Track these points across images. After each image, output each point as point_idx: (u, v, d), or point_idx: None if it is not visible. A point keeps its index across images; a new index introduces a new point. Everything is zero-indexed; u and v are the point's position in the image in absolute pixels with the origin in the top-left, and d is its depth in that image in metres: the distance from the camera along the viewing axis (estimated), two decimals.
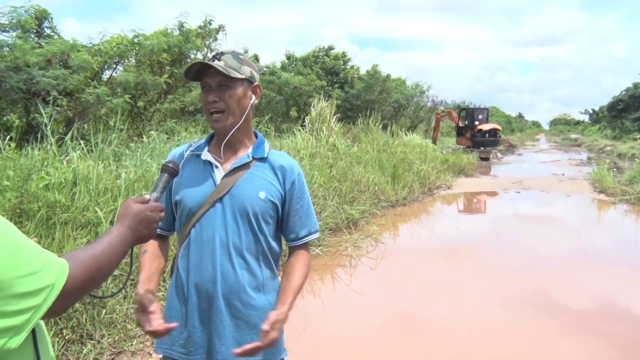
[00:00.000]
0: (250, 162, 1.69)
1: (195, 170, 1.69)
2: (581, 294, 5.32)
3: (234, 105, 1.63)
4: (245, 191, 1.65)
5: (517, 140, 45.66)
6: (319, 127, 11.27)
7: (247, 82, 1.67)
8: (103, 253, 1.11)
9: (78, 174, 4.69)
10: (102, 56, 8.12)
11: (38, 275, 0.93)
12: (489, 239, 8.14)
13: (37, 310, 0.92)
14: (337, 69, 22.54)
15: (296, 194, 1.73)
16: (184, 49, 9.86)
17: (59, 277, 0.96)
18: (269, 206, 1.67)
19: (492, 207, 11.83)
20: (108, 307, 3.73)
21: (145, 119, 10.01)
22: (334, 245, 6.84)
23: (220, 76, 1.61)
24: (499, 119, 50.97)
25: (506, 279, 5.84)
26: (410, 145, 14.78)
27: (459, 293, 5.32)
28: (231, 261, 1.63)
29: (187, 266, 1.66)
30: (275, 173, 1.71)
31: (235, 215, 1.63)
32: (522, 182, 14.72)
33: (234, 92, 1.63)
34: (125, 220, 1.25)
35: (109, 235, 1.17)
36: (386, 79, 21.85)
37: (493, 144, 23.81)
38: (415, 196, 11.47)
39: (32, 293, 0.91)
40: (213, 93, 1.62)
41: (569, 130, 77.03)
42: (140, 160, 5.91)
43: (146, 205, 1.30)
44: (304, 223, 1.76)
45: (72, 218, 4.19)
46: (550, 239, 7.91)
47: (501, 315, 4.72)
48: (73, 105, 7.32)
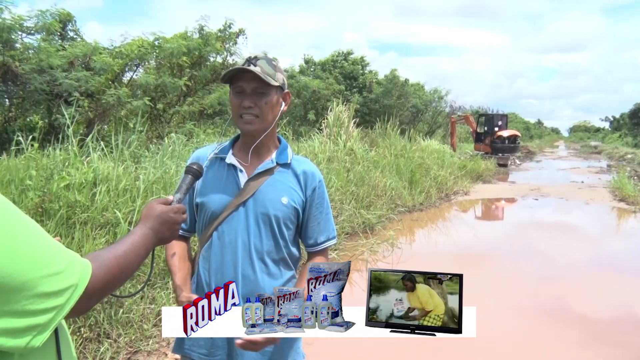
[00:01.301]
0: (274, 168, 1.70)
1: (220, 173, 1.70)
2: (600, 304, 5.22)
3: (268, 112, 1.64)
4: (268, 196, 1.66)
5: (536, 146, 45.15)
6: (337, 131, 11.26)
7: (280, 89, 1.67)
8: (125, 254, 1.11)
9: (98, 174, 4.75)
10: (123, 58, 8.23)
11: (62, 275, 0.93)
12: (506, 246, 8.05)
13: (60, 309, 0.93)
14: (356, 73, 22.55)
15: (316, 201, 1.74)
16: (204, 52, 9.94)
17: (82, 278, 0.97)
18: (290, 211, 1.68)
19: (509, 214, 11.69)
20: (125, 307, 3.76)
21: (164, 121, 10.10)
22: (350, 250, 6.82)
23: (256, 82, 1.60)
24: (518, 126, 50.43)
25: (524, 288, 5.76)
26: (427, 151, 14.76)
27: (476, 301, 5.17)
28: (252, 265, 1.64)
29: (208, 267, 1.68)
30: (298, 179, 1.72)
31: (258, 220, 1.65)
32: (541, 189, 14.55)
33: (269, 99, 1.63)
34: (148, 221, 1.25)
35: (132, 236, 1.17)
36: (404, 84, 21.80)
37: (512, 151, 23.62)
38: (432, 201, 11.41)
39: (56, 293, 0.92)
40: (248, 98, 1.61)
41: (588, 137, 75.99)
42: (159, 161, 5.95)
43: (169, 207, 1.30)
44: (322, 229, 1.77)
45: (91, 218, 4.23)
46: (568, 247, 7.79)
47: (519, 324, 4.66)
48: (94, 107, 7.43)
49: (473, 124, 25.28)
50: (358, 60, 23.34)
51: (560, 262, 6.88)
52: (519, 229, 9.47)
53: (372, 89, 21.65)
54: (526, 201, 12.57)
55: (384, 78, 22.42)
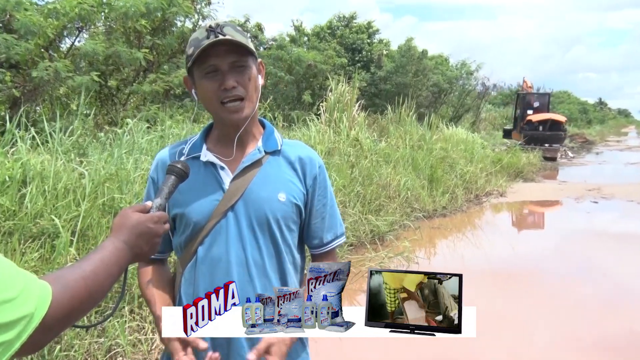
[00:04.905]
0: (262, 158, 1.73)
1: (196, 176, 1.70)
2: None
3: (252, 90, 1.67)
4: (261, 194, 1.69)
5: (596, 134, 45.35)
6: (338, 116, 11.21)
7: (255, 58, 1.69)
8: (94, 274, 1.12)
9: (28, 170, 4.70)
10: (59, 19, 8.03)
11: (14, 303, 0.93)
12: (555, 263, 8.02)
13: (8, 346, 0.93)
14: (360, 44, 22.46)
15: (318, 191, 1.79)
16: (168, 15, 9.81)
17: (39, 306, 0.97)
18: (291, 210, 1.72)
19: (559, 221, 11.71)
20: (64, 343, 3.71)
21: (118, 102, 10.04)
22: (355, 265, 6.83)
23: (233, 55, 1.62)
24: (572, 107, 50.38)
25: (580, 316, 5.76)
26: (452, 141, 14.81)
27: (517, 331, 5.27)
28: (252, 283, 1.68)
29: (192, 294, 1.69)
30: (294, 167, 1.76)
31: (253, 226, 1.68)
32: (601, 189, 14.60)
33: (251, 73, 1.66)
34: (122, 233, 1.27)
35: (102, 252, 1.19)
36: (422, 57, 21.72)
37: (550, 140, 23.05)
38: (459, 205, 11.52)
39: (5, 326, 0.92)
40: (228, 77, 1.61)
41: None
42: (112, 154, 5.91)
43: (148, 215, 1.34)
44: (329, 225, 1.83)
45: (19, 227, 4.20)
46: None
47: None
48: (20, 82, 7.25)
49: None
50: (363, 27, 23.28)
51: (629, 284, 6.86)
52: (571, 240, 9.45)
53: (382, 63, 21.60)
54: (582, 204, 12.61)
55: (397, 50, 22.37)
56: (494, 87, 28.35)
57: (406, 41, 22.14)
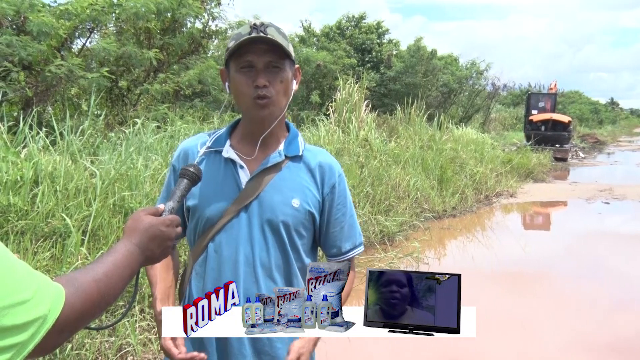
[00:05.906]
0: (282, 162, 1.74)
1: (215, 171, 1.74)
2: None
3: (283, 93, 1.68)
4: (275, 198, 1.70)
5: (607, 135, 44.88)
6: (348, 116, 11.21)
7: (292, 63, 1.71)
8: (107, 276, 1.12)
9: (40, 170, 4.71)
10: (71, 20, 8.05)
11: (28, 305, 0.93)
12: (566, 264, 8.01)
13: (21, 348, 0.92)
14: (370, 44, 22.42)
15: (337, 200, 1.79)
16: (178, 15, 9.82)
17: (52, 308, 0.97)
18: (303, 216, 1.73)
19: (570, 222, 11.65)
20: (75, 342, 3.72)
21: (129, 102, 10.03)
22: (364, 265, 6.79)
23: (270, 55, 1.63)
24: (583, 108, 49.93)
25: (591, 318, 5.74)
26: (462, 141, 14.82)
27: (527, 333, 5.24)
28: (257, 284, 1.69)
29: (202, 288, 1.72)
30: (312, 174, 1.77)
31: (263, 228, 1.70)
32: (613, 189, 14.56)
33: (285, 76, 1.67)
34: (134, 236, 1.26)
35: (114, 254, 1.19)
36: (431, 57, 21.66)
37: (552, 140, 23.01)
38: (469, 205, 11.53)
39: (19, 327, 0.92)
40: (261, 75, 1.63)
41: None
42: (122, 154, 5.92)
43: (160, 219, 1.33)
44: (347, 235, 1.84)
45: (31, 226, 4.21)
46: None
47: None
48: (33, 82, 7.26)
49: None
50: (373, 27, 23.22)
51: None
52: (583, 241, 9.43)
53: (392, 64, 21.55)
54: (593, 205, 12.57)
55: (407, 50, 22.31)
56: (504, 87, 28.21)
57: (415, 41, 22.08)
